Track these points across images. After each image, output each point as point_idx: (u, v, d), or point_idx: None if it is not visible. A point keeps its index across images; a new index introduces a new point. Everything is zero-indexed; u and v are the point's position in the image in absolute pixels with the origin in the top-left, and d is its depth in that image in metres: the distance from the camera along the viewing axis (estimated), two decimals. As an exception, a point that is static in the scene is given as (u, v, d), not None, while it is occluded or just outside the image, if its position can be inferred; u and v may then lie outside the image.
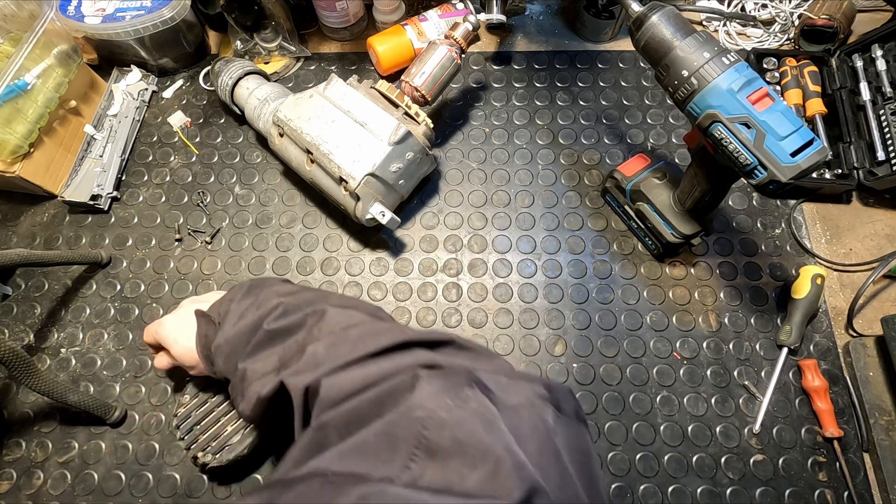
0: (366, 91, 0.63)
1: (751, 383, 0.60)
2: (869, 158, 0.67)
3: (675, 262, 0.67)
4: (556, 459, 0.29)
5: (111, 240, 0.70)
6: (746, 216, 0.69)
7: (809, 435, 0.58)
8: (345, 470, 0.26)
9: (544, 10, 0.86)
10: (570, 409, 0.33)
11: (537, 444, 0.28)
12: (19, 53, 0.63)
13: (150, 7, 0.71)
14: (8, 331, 0.64)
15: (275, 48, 0.80)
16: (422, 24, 0.79)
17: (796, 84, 0.72)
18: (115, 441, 0.59)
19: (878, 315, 0.60)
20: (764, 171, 0.44)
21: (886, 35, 0.70)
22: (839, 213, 0.69)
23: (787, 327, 0.60)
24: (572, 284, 0.66)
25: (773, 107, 0.43)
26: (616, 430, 0.59)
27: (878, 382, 0.58)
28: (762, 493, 0.55)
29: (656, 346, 0.62)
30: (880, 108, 0.68)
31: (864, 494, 0.55)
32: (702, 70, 0.44)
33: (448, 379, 0.31)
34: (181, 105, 0.79)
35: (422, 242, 0.69)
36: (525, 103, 0.78)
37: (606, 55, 0.81)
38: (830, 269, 0.66)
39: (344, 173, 0.58)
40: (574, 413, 0.33)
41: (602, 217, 0.70)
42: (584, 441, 0.33)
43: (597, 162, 0.73)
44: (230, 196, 0.72)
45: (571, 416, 0.33)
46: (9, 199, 0.72)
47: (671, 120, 0.76)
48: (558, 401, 0.33)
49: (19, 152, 0.65)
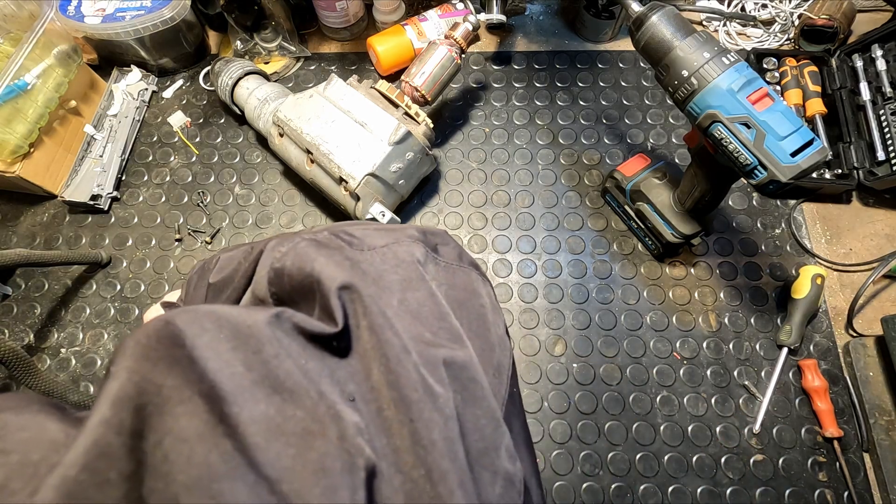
0: (366, 91, 0.63)
1: (751, 383, 0.60)
2: (869, 158, 0.67)
3: (675, 262, 0.67)
4: (419, 282, 0.30)
5: (111, 240, 0.70)
6: (746, 216, 0.69)
7: (809, 435, 0.58)
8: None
9: (544, 10, 0.86)
10: (449, 253, 0.34)
11: (401, 273, 0.29)
12: (19, 53, 0.63)
13: (150, 7, 0.71)
14: (8, 331, 0.64)
15: (275, 48, 0.80)
16: (422, 24, 0.79)
17: (796, 84, 0.72)
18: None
19: (878, 315, 0.60)
20: (764, 171, 0.44)
21: (886, 35, 0.70)
22: (839, 213, 0.69)
23: (787, 327, 0.60)
24: (572, 284, 0.66)
25: (773, 107, 0.43)
26: (616, 430, 0.59)
27: (878, 382, 0.58)
28: (762, 493, 0.55)
29: (656, 346, 0.62)
30: (880, 108, 0.68)
31: (864, 494, 0.55)
32: (702, 70, 0.44)
33: (288, 234, 0.33)
34: (181, 105, 0.79)
35: (422, 242, 0.69)
36: (525, 103, 0.78)
37: (606, 55, 0.81)
38: (830, 269, 0.66)
39: (344, 173, 0.58)
40: (456, 256, 0.34)
41: (602, 217, 0.70)
42: (467, 280, 0.33)
43: (597, 162, 0.73)
44: (230, 196, 0.72)
45: (452, 258, 0.34)
46: (9, 199, 0.72)
47: (671, 120, 0.76)
48: (435, 244, 0.34)
49: (19, 152, 0.65)
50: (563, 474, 0.57)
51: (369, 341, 0.26)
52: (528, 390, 0.61)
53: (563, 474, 0.57)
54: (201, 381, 0.21)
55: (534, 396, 0.60)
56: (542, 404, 0.60)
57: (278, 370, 0.23)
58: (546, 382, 0.61)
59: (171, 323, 0.23)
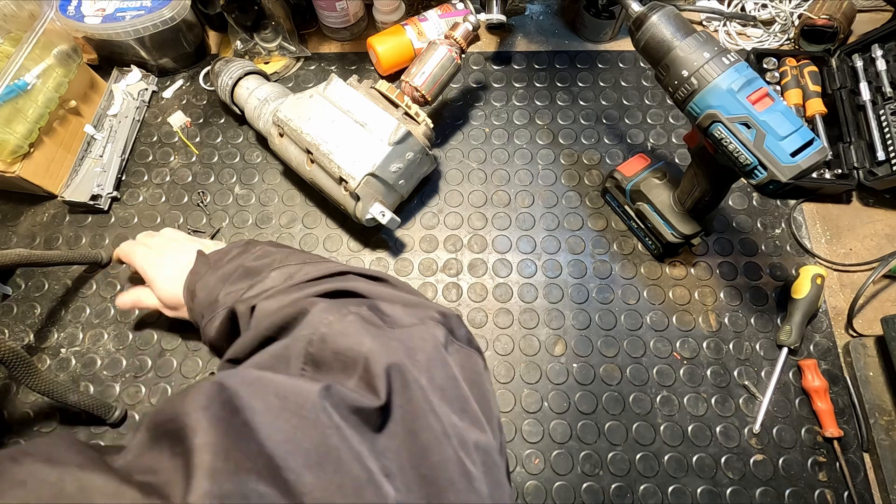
0: (366, 91, 0.63)
1: (751, 383, 0.60)
2: (869, 158, 0.67)
3: (675, 262, 0.67)
4: (444, 365, 0.31)
5: (111, 240, 0.70)
6: (746, 216, 0.69)
7: (809, 435, 0.58)
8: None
9: (544, 10, 0.86)
10: (462, 336, 0.36)
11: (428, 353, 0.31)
12: (19, 53, 0.63)
13: (150, 7, 0.71)
14: (8, 331, 0.64)
15: (275, 48, 0.80)
16: (422, 24, 0.79)
17: (796, 84, 0.72)
18: (115, 441, 0.59)
19: (878, 315, 0.60)
20: (764, 171, 0.44)
21: (886, 35, 0.70)
22: (839, 213, 0.69)
23: (787, 327, 0.60)
24: (572, 284, 0.66)
25: (773, 107, 0.43)
26: (616, 430, 0.59)
27: (878, 382, 0.58)
28: (762, 493, 0.55)
29: (656, 346, 0.62)
30: (880, 108, 0.68)
31: (864, 494, 0.55)
32: (702, 70, 0.44)
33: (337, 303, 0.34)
34: (181, 105, 0.79)
35: (422, 242, 0.69)
36: (525, 103, 0.78)
37: (606, 55, 0.81)
38: (830, 269, 0.66)
39: (344, 173, 0.58)
40: (466, 340, 0.36)
41: (602, 217, 0.70)
42: (476, 363, 0.35)
43: (597, 162, 0.73)
44: (230, 196, 0.72)
45: (464, 341, 0.35)
46: (9, 199, 0.72)
47: (671, 120, 0.76)
48: (452, 327, 0.35)
49: (19, 152, 0.65)
50: (563, 474, 0.57)
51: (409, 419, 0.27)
52: (527, 390, 0.61)
53: (563, 474, 0.57)
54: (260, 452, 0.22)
55: (534, 396, 0.60)
56: (542, 404, 0.60)
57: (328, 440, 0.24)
58: (546, 382, 0.61)
59: (225, 388, 0.24)
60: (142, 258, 0.52)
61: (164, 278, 0.50)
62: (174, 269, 0.50)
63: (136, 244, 0.54)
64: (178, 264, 0.50)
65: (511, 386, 0.61)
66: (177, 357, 0.63)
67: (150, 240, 0.55)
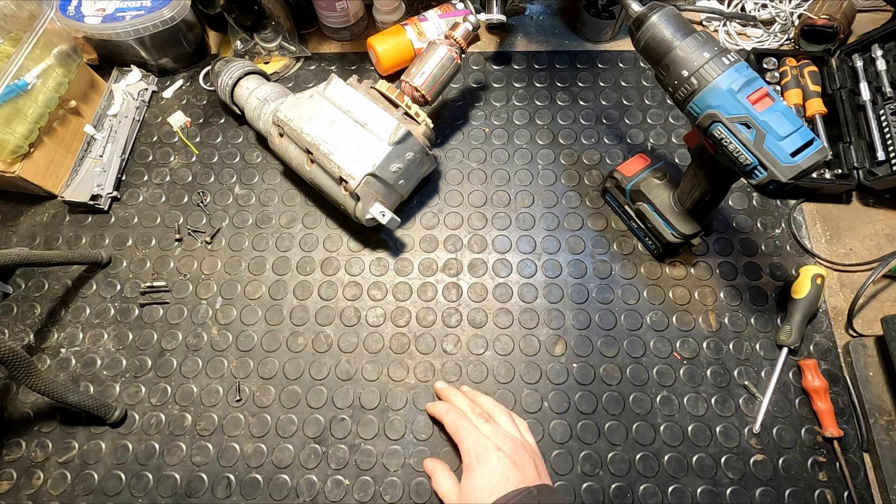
0: (366, 91, 0.63)
1: (751, 383, 0.60)
2: (869, 158, 0.67)
3: (675, 262, 0.67)
4: None
5: (111, 240, 0.70)
6: (746, 216, 0.69)
7: (809, 435, 0.58)
8: None
9: (544, 10, 0.86)
10: None
11: None
12: (19, 53, 0.63)
13: (150, 7, 0.71)
14: (8, 331, 0.64)
15: (275, 48, 0.80)
16: (422, 24, 0.79)
17: (796, 84, 0.72)
18: (115, 441, 0.59)
19: (878, 315, 0.60)
20: (764, 171, 0.44)
21: (886, 35, 0.70)
22: (839, 213, 0.69)
23: (787, 327, 0.60)
24: (572, 284, 0.66)
25: (773, 107, 0.43)
26: (616, 430, 0.59)
27: (878, 382, 0.58)
28: (762, 493, 0.55)
29: (656, 346, 0.62)
30: (880, 108, 0.68)
31: (864, 494, 0.55)
32: (702, 70, 0.44)
33: None
34: (181, 105, 0.79)
35: (422, 242, 0.69)
36: (525, 103, 0.78)
37: (606, 55, 0.81)
38: (830, 269, 0.66)
39: (344, 173, 0.58)
40: None
41: (602, 217, 0.70)
42: None
43: (597, 162, 0.73)
44: (230, 196, 0.72)
45: None
46: (9, 199, 0.72)
47: (671, 120, 0.76)
48: None
49: (19, 152, 0.65)
50: (563, 474, 0.57)
51: None
52: (527, 390, 0.61)
53: (563, 474, 0.57)
54: None
55: (534, 396, 0.60)
56: (542, 404, 0.60)
57: None
58: (546, 382, 0.61)
59: None
60: (473, 442, 0.47)
61: (472, 489, 0.44)
62: (493, 482, 0.44)
63: (464, 418, 0.49)
64: (498, 480, 0.44)
65: (511, 386, 0.61)
66: (177, 357, 0.63)
67: (484, 424, 0.48)
